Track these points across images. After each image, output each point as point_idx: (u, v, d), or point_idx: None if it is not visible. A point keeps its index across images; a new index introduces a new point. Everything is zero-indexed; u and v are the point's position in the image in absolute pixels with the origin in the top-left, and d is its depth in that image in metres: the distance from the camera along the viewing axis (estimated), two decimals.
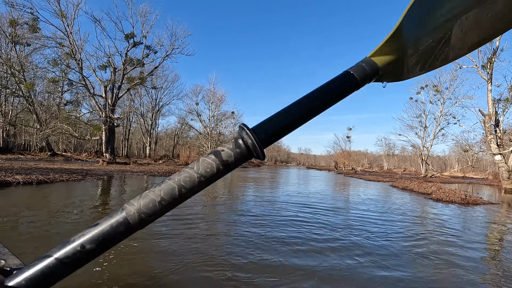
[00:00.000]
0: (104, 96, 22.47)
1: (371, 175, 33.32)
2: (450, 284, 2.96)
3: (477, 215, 7.94)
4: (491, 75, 18.34)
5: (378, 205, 8.87)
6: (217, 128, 45.89)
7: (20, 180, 8.23)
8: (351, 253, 3.77)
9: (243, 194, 10.02)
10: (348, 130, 64.05)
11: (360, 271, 3.16)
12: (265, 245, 3.90)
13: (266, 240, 4.18)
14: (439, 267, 3.46)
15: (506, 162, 18.00)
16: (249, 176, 20.46)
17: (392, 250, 4.04)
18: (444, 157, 77.29)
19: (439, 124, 35.77)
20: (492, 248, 4.73)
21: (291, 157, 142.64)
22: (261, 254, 3.51)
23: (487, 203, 10.65)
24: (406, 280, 2.97)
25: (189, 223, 4.96)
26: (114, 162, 22.35)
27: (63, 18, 20.40)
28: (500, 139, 18.39)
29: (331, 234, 4.74)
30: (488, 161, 52.44)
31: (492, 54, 18.13)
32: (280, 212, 6.64)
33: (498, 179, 24.79)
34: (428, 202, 10.43)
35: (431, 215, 7.68)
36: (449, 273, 3.27)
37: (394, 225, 5.91)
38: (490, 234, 5.84)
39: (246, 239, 4.18)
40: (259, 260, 3.30)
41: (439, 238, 4.98)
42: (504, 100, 18.63)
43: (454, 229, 5.85)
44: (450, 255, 3.98)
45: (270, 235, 4.45)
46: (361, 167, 67.41)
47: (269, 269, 3.07)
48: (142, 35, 23.60)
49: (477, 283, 3.03)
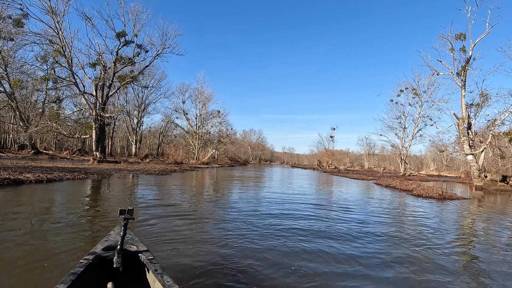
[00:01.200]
0: (94, 94, 22.33)
1: (355, 173, 34.87)
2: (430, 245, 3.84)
3: (451, 208, 9.09)
4: (464, 82, 20.00)
5: (375, 201, 9.85)
6: (204, 127, 46.06)
7: (32, 179, 8.49)
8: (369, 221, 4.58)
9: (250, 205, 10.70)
10: (332, 130, 65.97)
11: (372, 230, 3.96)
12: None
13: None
14: (422, 239, 4.36)
15: (477, 161, 19.74)
16: (244, 175, 21.10)
17: (398, 225, 4.92)
18: (421, 156, 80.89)
19: (417, 125, 37.88)
20: (460, 230, 5.74)
21: (275, 156, 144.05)
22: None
23: (460, 198, 11.93)
24: (403, 236, 3.82)
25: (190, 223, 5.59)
26: (104, 160, 22.29)
27: (53, 15, 20.12)
28: (472, 141, 20.12)
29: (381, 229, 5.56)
30: (461, 161, 55.76)
31: (465, 62, 19.77)
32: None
33: (470, 177, 26.82)
34: (410, 197, 11.58)
35: (415, 207, 8.74)
36: (428, 246, 4.17)
37: (392, 214, 6.84)
38: (461, 221, 6.91)
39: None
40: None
41: (423, 222, 5.97)
42: (475, 105, 20.36)
43: (433, 218, 6.87)
44: (429, 234, 4.93)
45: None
46: (344, 166, 69.61)
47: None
48: (134, 34, 23.60)
49: (446, 247, 3.93)
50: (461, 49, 19.69)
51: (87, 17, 21.83)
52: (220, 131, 50.03)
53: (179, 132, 53.15)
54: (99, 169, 15.33)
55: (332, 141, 66.15)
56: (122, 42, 23.23)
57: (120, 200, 6.98)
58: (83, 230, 4.20)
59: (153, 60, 25.33)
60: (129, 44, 23.76)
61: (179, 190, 10.29)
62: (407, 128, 39.22)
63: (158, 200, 7.48)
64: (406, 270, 3.31)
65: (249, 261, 3.28)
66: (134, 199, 7.31)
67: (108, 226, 4.37)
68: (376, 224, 5.89)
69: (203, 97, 44.10)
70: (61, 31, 20.66)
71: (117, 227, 2.47)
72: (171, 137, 56.66)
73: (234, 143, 66.43)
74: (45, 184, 8.64)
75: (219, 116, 48.40)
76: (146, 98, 43.81)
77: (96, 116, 21.95)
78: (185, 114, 45.50)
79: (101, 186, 9.43)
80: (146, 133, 58.63)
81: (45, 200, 6.44)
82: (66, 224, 4.43)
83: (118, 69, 23.60)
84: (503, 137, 20.10)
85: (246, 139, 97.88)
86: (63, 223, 4.46)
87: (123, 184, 10.65)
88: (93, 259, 1.92)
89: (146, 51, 24.69)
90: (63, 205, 6.15)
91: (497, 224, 6.82)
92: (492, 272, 3.43)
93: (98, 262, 1.98)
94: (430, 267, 3.46)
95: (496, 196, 14.51)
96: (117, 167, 18.68)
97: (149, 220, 5.07)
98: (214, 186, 12.63)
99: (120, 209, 2.13)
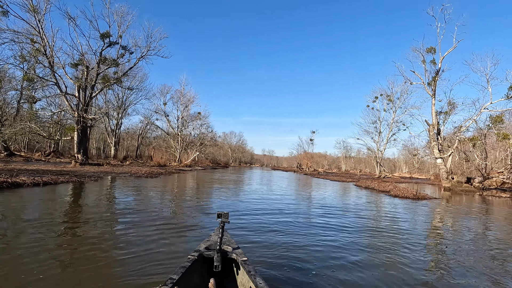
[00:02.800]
0: (77, 95, 21.85)
1: (334, 176, 36.33)
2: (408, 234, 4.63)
3: (424, 206, 10.17)
4: (434, 91, 21.80)
5: (359, 201, 10.73)
6: (186, 129, 45.82)
7: (28, 182, 8.50)
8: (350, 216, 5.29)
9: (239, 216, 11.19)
10: (312, 133, 67.75)
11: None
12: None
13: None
14: (398, 231, 5.15)
15: (445, 164, 21.53)
16: (226, 179, 21.50)
17: (380, 218, 5.68)
18: (394, 159, 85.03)
19: (391, 130, 40.13)
20: (431, 223, 6.66)
21: (255, 158, 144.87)
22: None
23: (432, 198, 13.19)
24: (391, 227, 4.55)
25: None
26: (87, 163, 21.83)
27: (35, 13, 19.58)
28: (441, 145, 21.91)
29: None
30: (430, 164, 59.44)
31: (435, 73, 21.57)
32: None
33: (439, 179, 28.99)
34: (388, 197, 12.64)
35: (393, 205, 9.70)
36: (403, 236, 4.97)
37: (375, 211, 7.66)
38: (432, 217, 7.89)
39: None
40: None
41: (400, 217, 6.82)
42: (444, 112, 22.22)
43: (408, 214, 7.79)
44: (404, 227, 5.76)
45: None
46: (322, 168, 71.74)
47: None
48: (118, 35, 23.37)
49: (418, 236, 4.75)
50: (432, 61, 21.49)
51: (70, 17, 21.37)
52: (201, 134, 49.88)
53: (159, 133, 52.36)
54: (85, 172, 15.16)
55: (312, 144, 67.92)
56: (106, 43, 22.92)
57: (147, 203, 7.27)
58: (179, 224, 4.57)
59: (138, 62, 25.19)
60: (113, 45, 23.49)
61: (188, 195, 10.61)
62: (382, 132, 41.41)
63: (183, 203, 7.82)
64: (392, 253, 4.05)
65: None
66: (153, 203, 7.62)
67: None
68: (363, 221, 6.67)
69: (186, 99, 43.96)
70: (43, 30, 20.13)
71: (216, 229, 2.80)
72: (150, 139, 55.67)
73: (218, 145, 66.42)
74: (42, 187, 8.67)
75: (199, 118, 48.17)
76: (126, 99, 42.87)
77: (78, 118, 21.47)
78: (166, 116, 45.04)
79: (104, 189, 9.56)
80: (123, 134, 57.15)
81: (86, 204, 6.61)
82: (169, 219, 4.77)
83: (101, 70, 23.24)
84: (468, 142, 22.06)
85: (226, 142, 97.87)
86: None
87: (124, 187, 10.79)
88: (197, 256, 2.23)
89: (130, 52, 24.50)
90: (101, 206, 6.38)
91: (464, 219, 7.88)
92: (456, 254, 4.24)
93: (201, 259, 2.28)
94: (409, 250, 4.22)
95: (462, 196, 16.05)
96: (101, 169, 18.45)
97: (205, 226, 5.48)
98: (215, 191, 13.02)
99: (218, 213, 2.47)
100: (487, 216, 8.77)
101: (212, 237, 2.70)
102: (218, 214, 2.44)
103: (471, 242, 5.20)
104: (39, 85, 21.91)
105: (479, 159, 21.46)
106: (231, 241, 2.67)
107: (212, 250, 2.36)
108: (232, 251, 2.41)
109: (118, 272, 2.90)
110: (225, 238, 2.64)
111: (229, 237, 2.78)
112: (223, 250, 2.37)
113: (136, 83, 39.56)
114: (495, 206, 11.81)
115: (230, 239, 2.71)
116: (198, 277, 2.21)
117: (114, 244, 3.84)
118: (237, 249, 2.48)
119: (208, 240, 2.64)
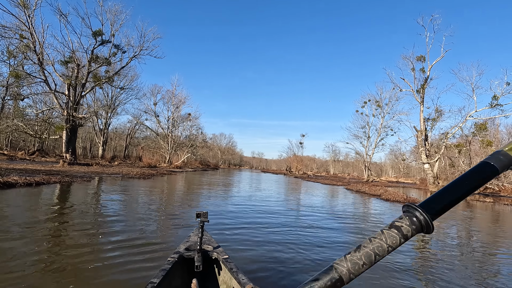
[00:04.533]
0: (67, 94, 21.34)
1: (323, 179, 36.76)
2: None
3: None
4: (423, 98, 22.51)
5: (355, 205, 10.93)
6: (176, 130, 45.39)
7: (21, 182, 8.27)
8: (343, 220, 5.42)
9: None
10: (302, 136, 68.39)
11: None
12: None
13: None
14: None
15: (432, 170, 22.21)
16: (220, 181, 21.43)
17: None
18: (381, 163, 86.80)
19: (380, 135, 41.01)
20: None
21: (244, 160, 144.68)
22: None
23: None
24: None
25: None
26: (75, 163, 21.31)
27: (25, 8, 19.06)
28: (428, 151, 22.60)
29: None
30: (415, 168, 61.01)
31: (424, 81, 22.28)
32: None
33: (425, 183, 29.82)
34: (380, 201, 12.94)
35: (387, 209, 9.95)
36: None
37: (369, 214, 7.85)
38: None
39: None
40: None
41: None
42: (431, 119, 22.95)
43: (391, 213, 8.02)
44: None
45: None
46: (311, 171, 72.43)
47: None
48: (111, 34, 23.01)
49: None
50: (421, 69, 22.19)
51: (62, 13, 20.91)
52: (191, 135, 49.50)
53: (148, 134, 51.64)
54: (76, 172, 14.82)
55: (302, 147, 68.54)
56: (98, 41, 22.53)
57: (158, 206, 7.18)
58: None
59: (130, 61, 24.86)
60: (105, 44, 23.12)
61: (188, 197, 10.53)
62: (371, 137, 42.26)
63: (191, 207, 7.76)
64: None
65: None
66: (159, 205, 7.53)
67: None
68: (357, 221, 6.84)
69: (177, 100, 43.60)
70: (32, 25, 19.62)
71: (195, 229, 2.77)
72: (138, 139, 54.83)
73: (209, 147, 66.04)
74: (35, 187, 8.45)
75: (189, 119, 47.81)
76: (116, 99, 42.11)
77: (68, 117, 20.96)
78: (156, 116, 44.50)
79: (101, 190, 9.38)
80: (111, 134, 56.06)
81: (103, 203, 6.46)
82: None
83: (93, 68, 22.81)
84: (454, 149, 22.85)
85: (216, 143, 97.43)
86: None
87: (122, 188, 10.61)
88: (178, 257, 2.19)
89: (123, 51, 24.18)
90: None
91: (451, 219, 8.18)
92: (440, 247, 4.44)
93: (182, 261, 2.25)
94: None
95: None
96: (92, 170, 18.06)
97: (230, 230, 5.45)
98: (216, 193, 12.97)
99: (197, 213, 2.38)
100: (478, 220, 9.14)
101: (192, 237, 2.66)
102: (197, 214, 2.38)
103: (455, 239, 5.43)
104: (27, 82, 21.26)
105: (464, 165, 22.24)
106: (212, 240, 2.65)
107: (192, 250, 2.34)
108: (213, 250, 2.40)
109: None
110: (205, 238, 2.63)
111: (209, 237, 2.75)
112: (203, 250, 2.36)
113: (127, 83, 38.96)
114: (481, 210, 12.28)
115: (210, 238, 2.69)
116: (180, 279, 2.20)
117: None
118: (218, 248, 2.46)
119: (187, 240, 2.59)
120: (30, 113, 22.66)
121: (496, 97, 19.58)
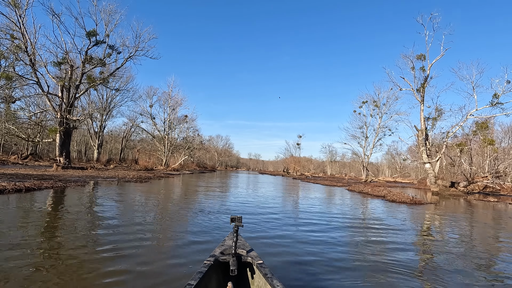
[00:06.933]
0: (60, 95, 20.73)
1: (322, 180, 36.44)
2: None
3: (423, 211, 10.14)
4: (423, 97, 22.30)
5: (362, 209, 10.55)
6: (173, 132, 44.76)
7: (10, 188, 7.74)
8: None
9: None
10: (299, 137, 68.12)
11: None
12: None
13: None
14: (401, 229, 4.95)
15: (433, 169, 21.97)
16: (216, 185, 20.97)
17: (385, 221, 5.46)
18: (377, 163, 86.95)
19: (378, 135, 40.86)
20: (429, 222, 6.54)
21: (241, 162, 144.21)
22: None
23: (427, 202, 13.28)
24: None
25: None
26: (69, 167, 20.69)
27: (15, 8, 18.46)
28: (429, 151, 22.37)
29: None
30: (411, 168, 61.07)
31: (424, 80, 22.09)
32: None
33: (424, 183, 29.66)
34: (386, 203, 12.58)
35: (395, 211, 9.59)
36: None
37: (381, 219, 7.48)
38: (435, 221, 7.82)
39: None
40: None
41: (412, 222, 6.65)
42: (432, 118, 22.74)
43: (409, 217, 7.68)
44: (408, 227, 5.58)
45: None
46: (309, 172, 72.16)
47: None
48: (105, 34, 22.45)
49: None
50: (421, 68, 21.99)
51: (54, 13, 20.31)
52: (188, 137, 48.91)
53: (144, 136, 50.91)
54: (69, 176, 14.24)
55: (299, 148, 68.27)
56: (92, 41, 21.96)
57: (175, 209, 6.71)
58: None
59: (125, 62, 24.31)
60: (100, 44, 22.55)
61: (190, 205, 10.05)
62: (369, 137, 42.08)
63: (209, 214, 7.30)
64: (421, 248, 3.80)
65: None
66: (173, 213, 7.07)
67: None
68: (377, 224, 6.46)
69: (173, 102, 43.01)
70: (24, 26, 19.03)
71: (230, 233, 2.84)
72: (134, 142, 54.05)
73: (206, 149, 65.44)
74: (24, 193, 7.91)
75: (186, 121, 47.20)
76: (111, 101, 41.39)
77: (61, 119, 20.35)
78: (152, 118, 43.82)
79: (96, 195, 8.88)
80: (106, 137, 55.23)
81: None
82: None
83: (87, 70, 22.24)
84: (456, 148, 22.66)
85: (212, 145, 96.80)
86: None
87: (118, 194, 10.10)
88: (213, 261, 2.22)
89: (118, 52, 23.60)
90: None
91: (465, 221, 7.85)
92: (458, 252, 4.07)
93: (217, 264, 2.27)
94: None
95: (452, 200, 16.31)
96: (86, 173, 17.47)
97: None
98: (218, 197, 12.51)
99: (231, 217, 2.44)
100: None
101: (226, 242, 2.71)
102: (231, 218, 2.43)
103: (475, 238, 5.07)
104: (19, 84, 20.62)
105: (466, 164, 22.05)
106: (245, 244, 2.69)
107: (227, 254, 2.38)
108: (246, 254, 2.43)
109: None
110: (239, 242, 2.63)
111: (243, 241, 2.78)
112: (238, 254, 2.39)
113: (122, 84, 38.30)
114: (493, 210, 11.99)
115: (244, 243, 2.72)
116: (215, 282, 2.24)
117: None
118: (251, 251, 2.49)
119: (222, 244, 2.64)
120: (22, 115, 21.96)
121: (497, 96, 19.42)
